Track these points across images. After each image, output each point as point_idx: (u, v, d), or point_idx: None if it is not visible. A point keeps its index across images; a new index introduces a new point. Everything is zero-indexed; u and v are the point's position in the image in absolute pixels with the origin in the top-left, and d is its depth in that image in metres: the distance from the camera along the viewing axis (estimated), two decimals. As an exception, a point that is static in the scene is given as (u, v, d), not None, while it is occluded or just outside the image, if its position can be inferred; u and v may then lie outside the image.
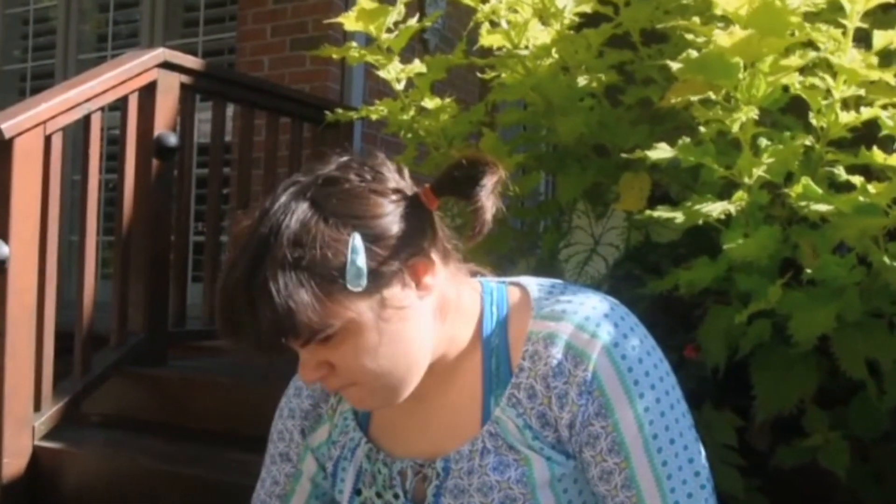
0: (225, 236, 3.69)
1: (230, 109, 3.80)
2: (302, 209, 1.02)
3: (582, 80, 1.82)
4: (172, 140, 3.23)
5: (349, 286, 1.01)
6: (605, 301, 1.16)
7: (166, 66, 3.22)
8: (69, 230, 4.60)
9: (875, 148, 1.50)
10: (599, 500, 1.14)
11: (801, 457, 1.71)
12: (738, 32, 1.41)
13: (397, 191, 1.08)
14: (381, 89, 4.73)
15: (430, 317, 1.11)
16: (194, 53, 4.56)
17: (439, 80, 2.06)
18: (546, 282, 1.22)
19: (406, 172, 1.13)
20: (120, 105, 3.17)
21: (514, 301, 1.19)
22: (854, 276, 1.53)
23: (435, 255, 1.11)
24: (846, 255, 1.56)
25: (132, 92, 3.14)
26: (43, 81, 5.35)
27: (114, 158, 3.26)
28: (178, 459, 2.77)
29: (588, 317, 1.12)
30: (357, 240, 1.02)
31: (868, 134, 1.62)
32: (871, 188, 1.46)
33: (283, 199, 1.04)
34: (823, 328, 1.47)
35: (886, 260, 1.41)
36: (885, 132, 1.49)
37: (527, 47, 1.97)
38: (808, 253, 1.63)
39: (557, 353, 1.10)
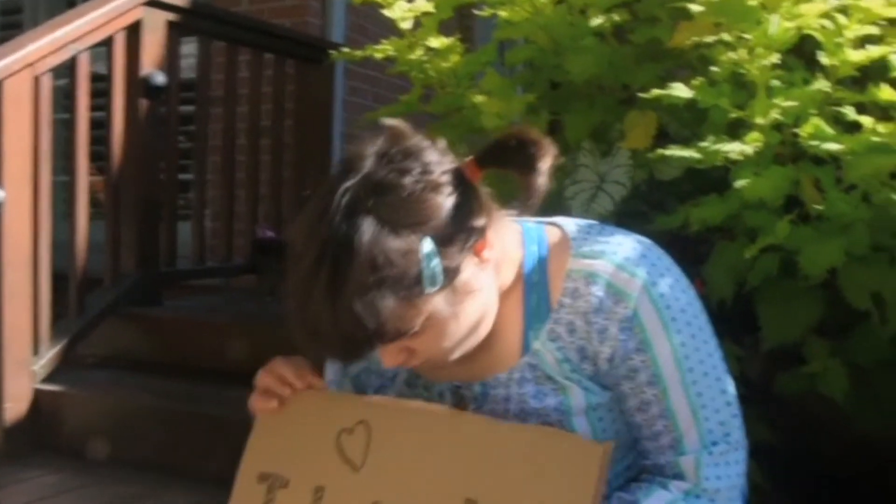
0: (211, 174, 3.68)
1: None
2: (369, 227, 1.02)
3: (596, 20, 1.84)
4: (160, 79, 3.21)
5: (427, 290, 1.04)
6: (640, 242, 1.21)
7: (152, 3, 3.19)
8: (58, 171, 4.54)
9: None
10: (635, 429, 1.20)
11: (802, 384, 1.79)
12: (759, -24, 1.44)
13: (445, 175, 1.08)
14: (363, 24, 4.71)
15: (491, 280, 1.15)
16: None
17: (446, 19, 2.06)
18: (582, 222, 1.26)
19: (442, 145, 1.13)
20: (106, 45, 3.12)
21: (553, 240, 1.23)
22: (860, 212, 1.59)
23: (487, 226, 1.13)
24: (851, 192, 1.62)
25: (118, 31, 3.11)
26: (11, 17, 5.23)
27: (101, 96, 3.22)
28: (179, 397, 2.81)
29: (627, 257, 1.17)
30: (428, 246, 1.04)
31: (874, 76, 1.67)
32: (880, 128, 1.51)
33: (342, 214, 1.03)
34: (833, 262, 1.54)
35: (894, 197, 1.46)
36: (894, 73, 1.53)
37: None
38: (810, 191, 1.69)
39: (598, 290, 1.15)
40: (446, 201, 1.07)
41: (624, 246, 1.18)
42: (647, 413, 1.17)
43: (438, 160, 1.09)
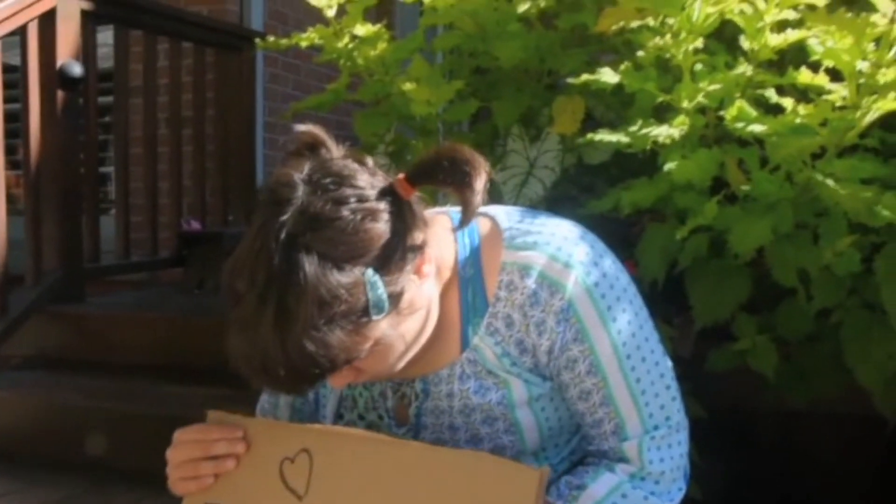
0: (133, 166, 3.61)
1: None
2: (311, 265, 0.99)
3: (522, 7, 1.85)
4: (77, 70, 3.13)
5: (375, 318, 1.04)
6: (573, 229, 1.22)
7: (65, -9, 3.10)
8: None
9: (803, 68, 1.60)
10: (577, 416, 1.21)
11: (732, 360, 1.84)
12: (683, -37, 1.46)
13: (381, 199, 1.06)
14: (282, 10, 4.66)
15: (432, 289, 1.14)
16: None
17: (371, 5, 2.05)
18: (514, 211, 1.25)
19: (370, 163, 1.11)
20: (19, 34, 3.03)
21: (485, 232, 1.22)
22: (784, 191, 1.63)
23: (425, 241, 1.11)
24: (775, 172, 1.66)
25: (31, 20, 3.02)
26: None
27: (15, 87, 3.12)
28: (111, 395, 2.76)
29: (560, 247, 1.17)
30: (371, 276, 1.03)
31: (793, 60, 1.71)
32: (801, 110, 1.55)
33: (281, 252, 1.00)
34: (761, 240, 1.58)
35: (819, 176, 1.50)
36: (813, 57, 1.57)
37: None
38: (734, 172, 1.73)
39: (533, 283, 1.15)
40: (385, 228, 1.05)
41: (557, 235, 1.18)
42: (589, 401, 1.18)
43: (371, 182, 1.07)
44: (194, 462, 1.17)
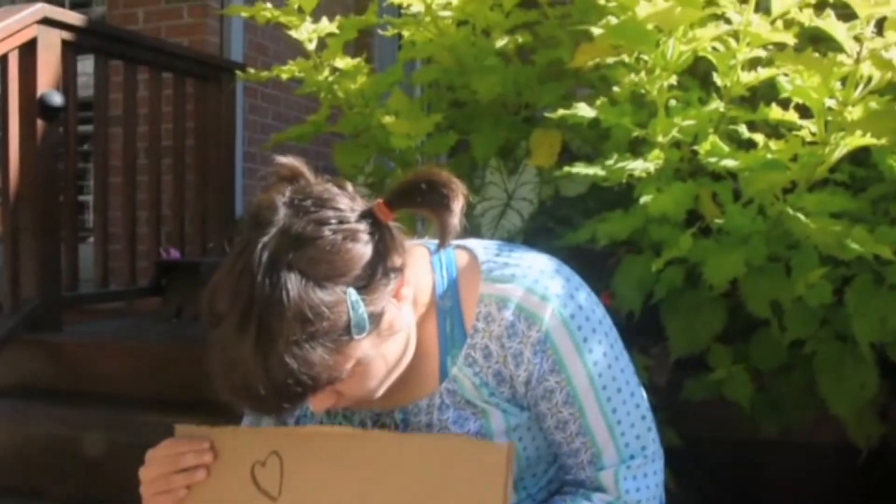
0: (112, 195, 3.61)
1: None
2: (293, 283, 1.01)
3: (500, 42, 1.88)
4: (57, 99, 3.13)
5: (356, 337, 1.06)
6: (549, 262, 1.24)
7: (46, 21, 3.10)
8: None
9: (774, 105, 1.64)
10: (554, 446, 1.23)
11: (708, 390, 1.87)
12: (658, 3, 1.50)
13: (361, 221, 1.09)
14: (261, 42, 4.69)
15: (410, 314, 1.17)
16: (61, 5, 4.38)
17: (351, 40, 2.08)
18: (490, 244, 1.28)
19: (350, 188, 1.13)
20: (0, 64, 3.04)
21: (463, 264, 1.25)
22: (757, 224, 1.67)
23: (404, 265, 1.14)
24: (748, 206, 1.70)
25: (11, 50, 3.02)
26: None
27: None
28: (89, 424, 2.73)
29: (536, 280, 1.19)
30: (353, 295, 1.05)
31: (763, 96, 1.76)
32: (772, 145, 1.59)
33: (264, 271, 1.02)
34: (735, 272, 1.61)
35: (790, 210, 1.54)
36: (783, 94, 1.61)
37: (435, 6, 2.01)
38: (709, 205, 1.77)
39: (510, 315, 1.17)
40: (365, 248, 1.07)
41: (533, 269, 1.21)
42: (566, 431, 1.20)
43: (351, 206, 1.10)
44: (165, 476, 1.18)
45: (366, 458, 1.15)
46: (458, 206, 1.12)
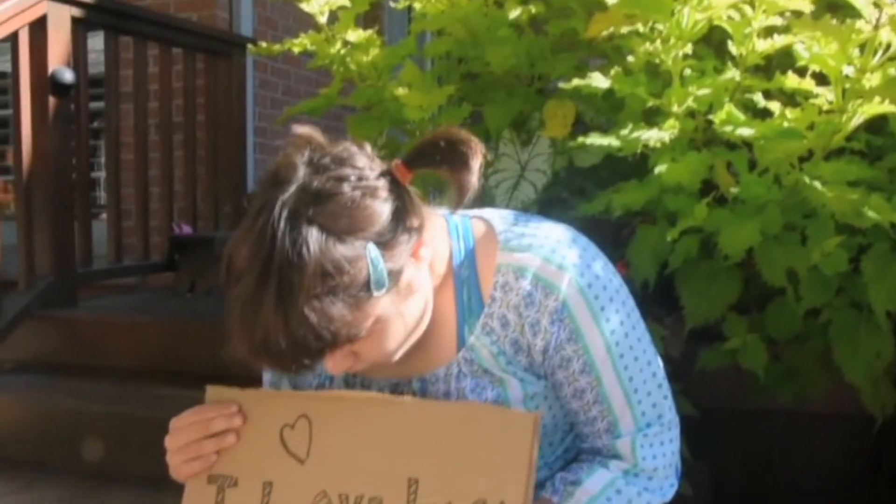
0: (124, 172, 3.62)
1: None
2: (313, 237, 1.02)
3: (513, 13, 1.87)
4: (68, 76, 3.14)
5: (376, 294, 1.06)
6: (566, 232, 1.24)
7: (56, -2, 3.11)
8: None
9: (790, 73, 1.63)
10: (571, 414, 1.24)
11: (723, 359, 1.87)
12: (672, -30, 1.49)
13: (380, 178, 1.09)
14: (270, 17, 4.68)
15: (428, 278, 1.17)
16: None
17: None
18: (507, 214, 1.28)
19: (368, 149, 1.13)
20: (10, 41, 3.04)
21: (480, 234, 1.25)
22: (773, 194, 1.66)
23: (422, 226, 1.14)
24: (763, 175, 1.69)
25: (23, 27, 3.02)
26: None
27: (5, 94, 3.13)
28: (104, 398, 2.77)
29: (554, 249, 1.19)
30: (373, 250, 1.05)
31: (779, 65, 1.74)
32: (788, 114, 1.58)
33: (284, 226, 1.02)
34: (750, 242, 1.61)
35: (806, 179, 1.53)
36: (800, 62, 1.60)
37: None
38: (724, 175, 1.76)
39: (527, 284, 1.18)
40: (385, 205, 1.08)
41: (550, 238, 1.21)
42: (583, 400, 1.21)
43: (370, 164, 1.10)
44: (196, 443, 1.19)
45: (393, 424, 1.15)
46: (476, 164, 1.12)
